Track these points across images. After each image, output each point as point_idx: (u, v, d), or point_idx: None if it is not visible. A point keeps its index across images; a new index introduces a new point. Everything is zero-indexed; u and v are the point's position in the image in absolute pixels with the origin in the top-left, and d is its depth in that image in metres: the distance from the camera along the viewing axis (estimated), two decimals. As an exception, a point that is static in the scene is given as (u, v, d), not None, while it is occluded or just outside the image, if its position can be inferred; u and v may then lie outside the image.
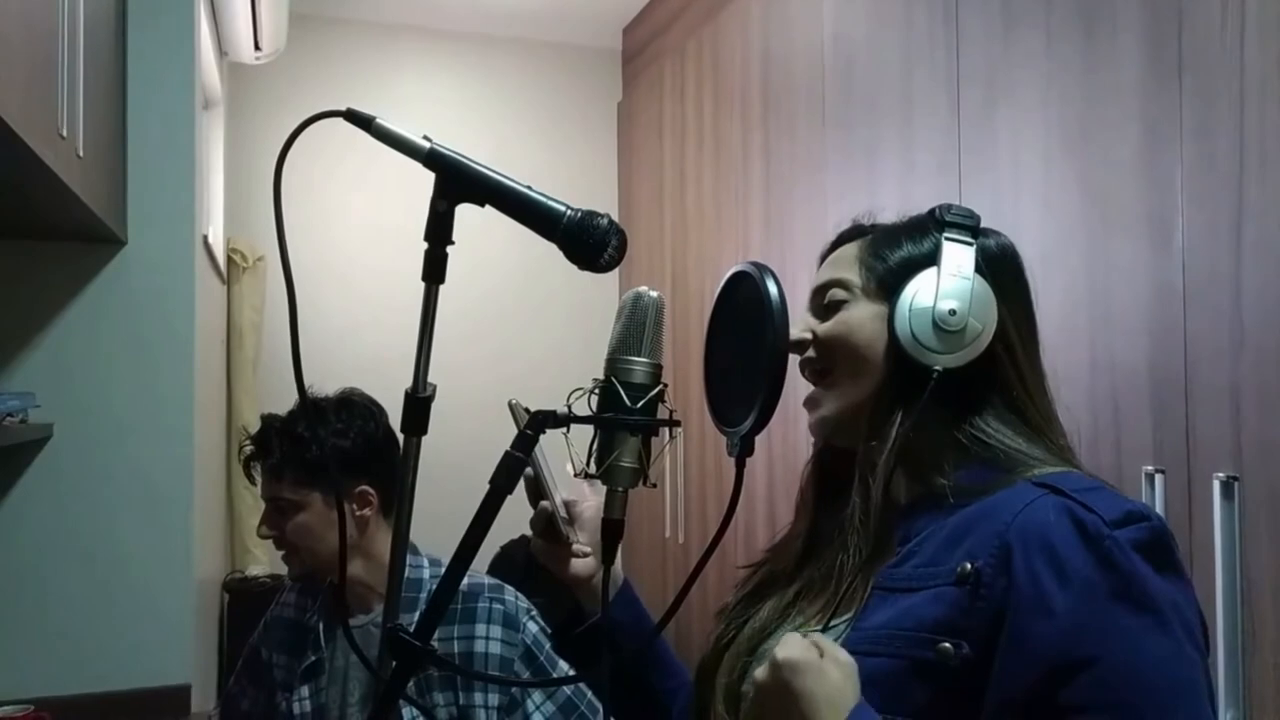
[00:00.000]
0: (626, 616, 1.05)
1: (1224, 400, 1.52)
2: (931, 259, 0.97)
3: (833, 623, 0.93)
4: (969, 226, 0.98)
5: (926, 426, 0.94)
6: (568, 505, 1.05)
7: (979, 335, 0.94)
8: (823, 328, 1.01)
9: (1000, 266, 0.99)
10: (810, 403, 1.01)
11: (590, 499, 1.05)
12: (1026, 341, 0.99)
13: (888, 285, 0.98)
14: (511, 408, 0.96)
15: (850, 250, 1.04)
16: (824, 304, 1.02)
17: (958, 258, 0.96)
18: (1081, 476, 0.91)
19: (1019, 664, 0.82)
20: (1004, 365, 0.96)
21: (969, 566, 0.85)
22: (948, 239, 0.97)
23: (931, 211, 1.01)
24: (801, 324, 1.02)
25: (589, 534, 1.05)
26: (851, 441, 1.01)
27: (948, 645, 0.84)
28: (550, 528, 1.04)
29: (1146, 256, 1.67)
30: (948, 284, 0.94)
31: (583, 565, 1.05)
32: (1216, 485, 1.51)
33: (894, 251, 1.00)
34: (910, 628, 0.87)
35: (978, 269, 0.96)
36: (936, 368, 0.93)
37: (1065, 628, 0.80)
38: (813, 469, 1.09)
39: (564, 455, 0.93)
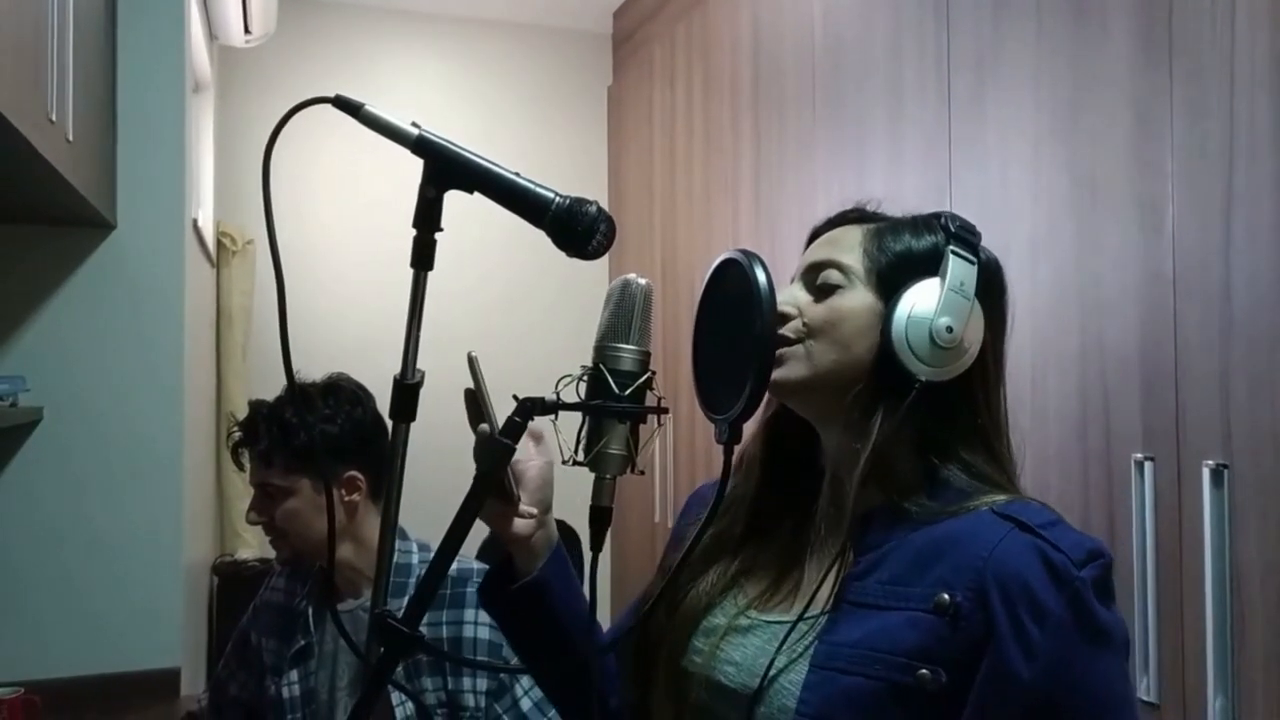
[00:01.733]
0: (555, 576, 1.04)
1: (1214, 387, 1.52)
2: (933, 264, 0.97)
3: (797, 620, 0.94)
4: (973, 243, 0.99)
5: (897, 436, 0.95)
6: (512, 464, 1.03)
7: (965, 354, 0.96)
8: (814, 309, 1.00)
9: (992, 287, 1.01)
10: (777, 360, 0.99)
11: (535, 458, 1.04)
12: (999, 367, 1.02)
13: (888, 281, 0.98)
14: (470, 361, 0.96)
15: (853, 235, 1.03)
16: (817, 283, 1.01)
17: (962, 275, 0.96)
18: (1039, 509, 0.93)
19: (1002, 700, 0.86)
20: (975, 386, 0.98)
21: (946, 598, 0.88)
22: (953, 252, 0.97)
23: (938, 216, 1.01)
24: (789, 298, 1.02)
25: (530, 493, 1.03)
26: (809, 410, 1.02)
27: (926, 672, 0.87)
28: (481, 476, 1.02)
29: (1136, 242, 1.67)
30: (949, 300, 0.95)
31: (524, 525, 1.03)
32: (1206, 473, 1.51)
33: (899, 248, 1.00)
34: (887, 650, 0.89)
35: (975, 290, 0.97)
36: (921, 378, 0.94)
37: (1044, 667, 0.85)
38: (763, 435, 1.09)
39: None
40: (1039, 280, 1.85)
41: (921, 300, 0.95)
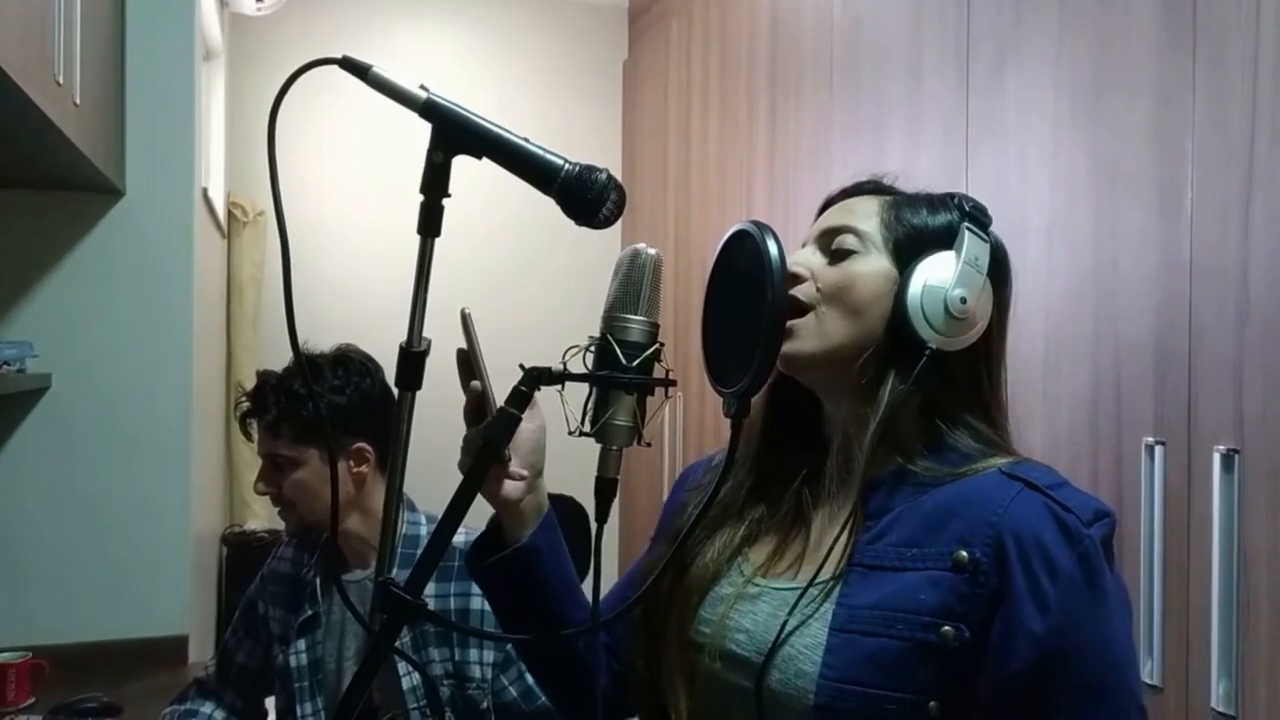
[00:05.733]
0: (545, 543, 1.04)
1: (1227, 372, 1.51)
2: (946, 240, 1.00)
3: (811, 583, 0.95)
4: (986, 224, 1.02)
5: (906, 401, 0.98)
6: None
7: (974, 327, 0.99)
8: (827, 273, 1.02)
9: (1000, 268, 1.04)
10: (787, 332, 1.00)
11: (529, 421, 1.03)
12: (1002, 344, 1.05)
13: (904, 250, 1.00)
14: (463, 318, 0.95)
15: (869, 204, 1.05)
16: (832, 247, 1.03)
17: (977, 250, 0.99)
18: (1045, 470, 0.96)
19: (1016, 649, 0.88)
20: (980, 361, 1.01)
21: (965, 555, 0.90)
22: (968, 230, 0.99)
23: (952, 196, 1.04)
24: (801, 259, 1.03)
25: (522, 457, 1.02)
26: (819, 384, 1.04)
27: (950, 629, 0.89)
28: (487, 445, 1.00)
29: (1154, 226, 1.65)
30: (965, 273, 0.97)
31: (513, 488, 1.01)
32: (1216, 458, 1.50)
33: (915, 221, 1.02)
34: (909, 610, 0.90)
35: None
36: (931, 346, 0.96)
37: (1056, 619, 0.88)
38: (766, 401, 1.10)
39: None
40: (1055, 262, 1.84)
41: (937, 271, 0.98)
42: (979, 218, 1.01)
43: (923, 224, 1.01)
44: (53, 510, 2.51)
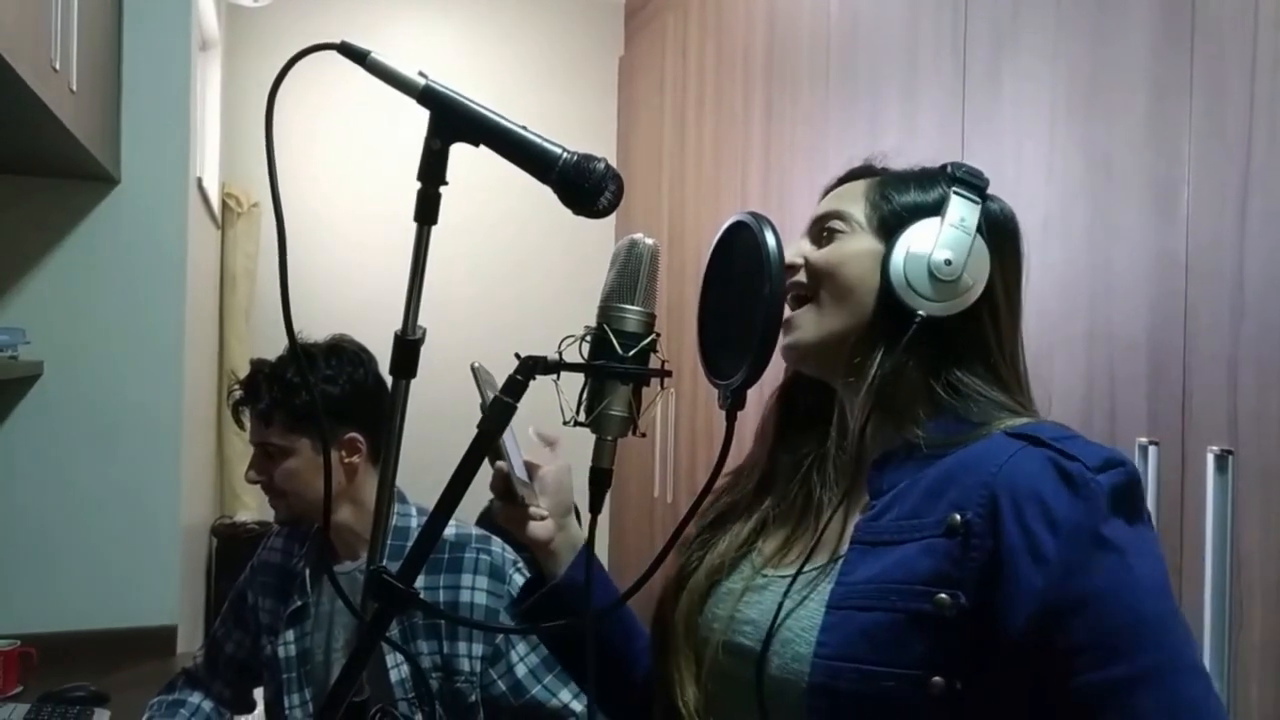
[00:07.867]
0: (583, 577, 1.04)
1: (1221, 373, 1.51)
2: (936, 209, 0.98)
3: (806, 568, 0.94)
4: (978, 186, 0.99)
5: (905, 372, 0.95)
6: (528, 466, 1.04)
7: (969, 290, 0.95)
8: (816, 254, 1.01)
9: (1001, 231, 1.00)
10: (787, 325, 1.00)
11: (551, 461, 1.05)
12: (1012, 308, 1.01)
13: (889, 226, 0.98)
14: (474, 371, 0.95)
15: (857, 186, 1.04)
16: (822, 233, 1.03)
17: (962, 212, 0.97)
18: (1055, 426, 0.92)
19: (1018, 609, 0.83)
20: (986, 326, 0.97)
21: (958, 518, 0.86)
22: (955, 193, 0.98)
23: (943, 166, 1.02)
24: (794, 249, 1.02)
25: (549, 497, 1.05)
26: (822, 372, 1.03)
27: (944, 596, 0.85)
28: (509, 489, 1.03)
29: (1150, 224, 1.65)
30: (948, 235, 0.95)
31: (541, 529, 1.04)
32: (1210, 458, 1.50)
33: (901, 195, 1.00)
34: (903, 580, 0.87)
35: (979, 229, 0.97)
36: (920, 312, 0.94)
37: (1058, 572, 0.82)
38: (778, 399, 1.09)
39: (528, 416, 0.91)
40: (1049, 259, 1.84)
41: (920, 237, 0.96)
42: (970, 182, 0.98)
43: (911, 201, 0.99)
44: (42, 498, 2.50)
